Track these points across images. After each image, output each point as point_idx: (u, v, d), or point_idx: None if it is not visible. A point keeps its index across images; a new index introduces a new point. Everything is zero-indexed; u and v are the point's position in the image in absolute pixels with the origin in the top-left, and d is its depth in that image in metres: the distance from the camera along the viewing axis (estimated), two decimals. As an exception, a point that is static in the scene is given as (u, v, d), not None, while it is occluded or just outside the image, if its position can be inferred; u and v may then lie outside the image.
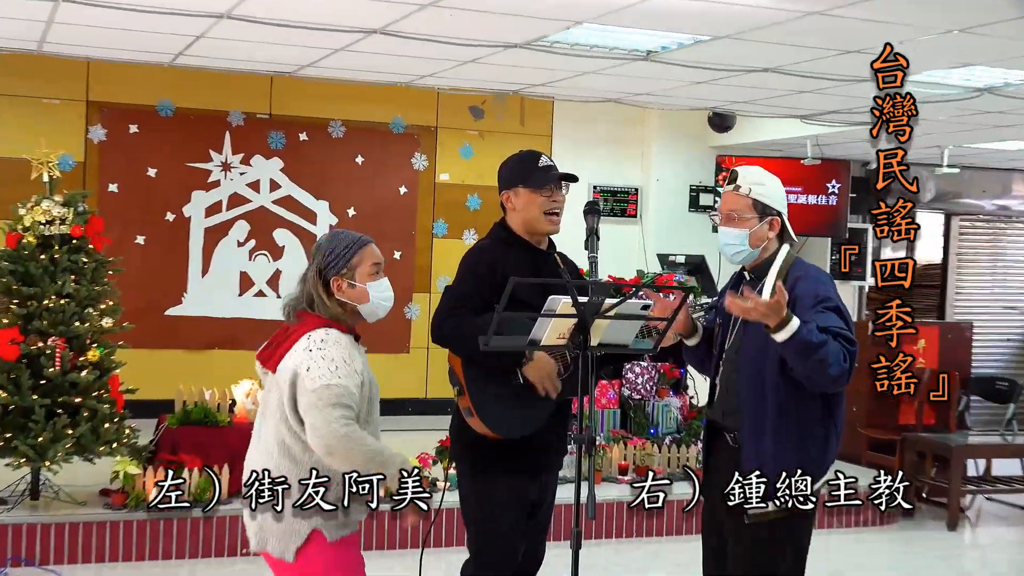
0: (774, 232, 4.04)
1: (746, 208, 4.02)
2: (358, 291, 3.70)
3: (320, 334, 3.58)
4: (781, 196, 4.08)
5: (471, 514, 4.26)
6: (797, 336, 3.69)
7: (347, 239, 3.75)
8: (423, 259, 11.12)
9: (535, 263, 4.25)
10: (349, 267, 3.69)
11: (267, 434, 3.64)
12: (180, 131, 10.32)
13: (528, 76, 8.83)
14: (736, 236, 4.03)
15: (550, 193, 4.21)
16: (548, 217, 4.22)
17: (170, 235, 10.29)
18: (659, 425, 8.62)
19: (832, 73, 7.81)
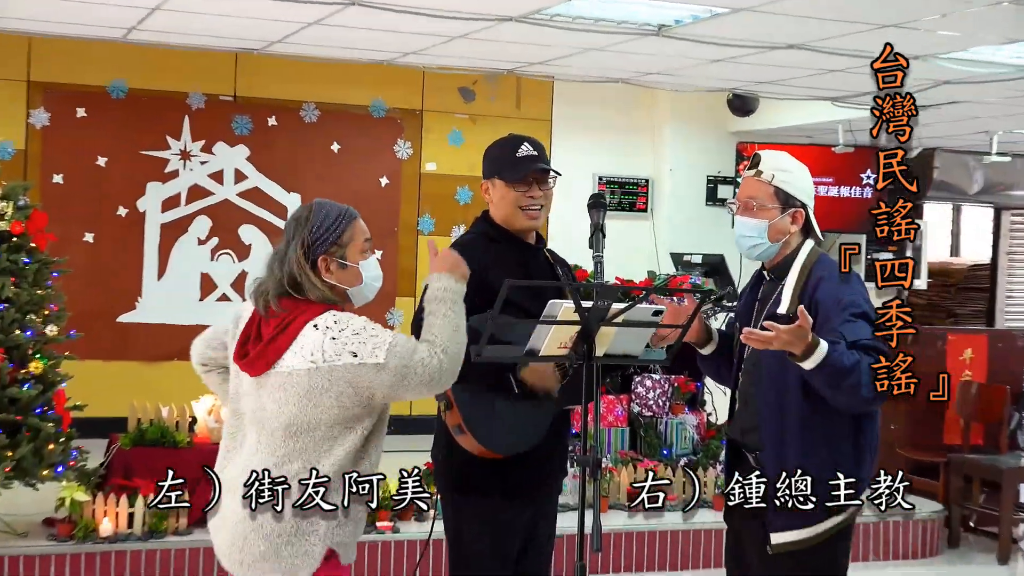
0: (797, 226, 4.05)
1: (767, 196, 4.03)
2: (350, 272, 3.61)
3: (328, 317, 3.47)
4: (808, 186, 4.10)
5: (455, 541, 4.27)
6: (827, 363, 3.70)
7: (334, 211, 3.63)
8: (407, 259, 11.13)
9: (523, 260, 4.26)
10: (340, 244, 3.60)
11: (260, 450, 3.53)
12: (133, 115, 10.32)
13: (525, 53, 8.84)
14: (754, 227, 4.04)
15: (527, 188, 4.22)
16: (525, 212, 4.23)
17: (122, 232, 10.28)
18: (673, 446, 8.63)
19: (866, 50, 7.82)
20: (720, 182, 11.79)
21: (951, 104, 9.58)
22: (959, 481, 8.94)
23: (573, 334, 3.58)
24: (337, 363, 3.41)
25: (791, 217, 4.04)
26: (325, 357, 3.42)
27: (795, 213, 4.04)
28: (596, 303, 3.53)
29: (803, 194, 4.06)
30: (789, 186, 4.04)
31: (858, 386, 3.72)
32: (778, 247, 4.06)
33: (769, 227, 4.04)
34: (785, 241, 4.06)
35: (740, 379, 4.17)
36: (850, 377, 3.72)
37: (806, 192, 4.08)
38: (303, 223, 3.58)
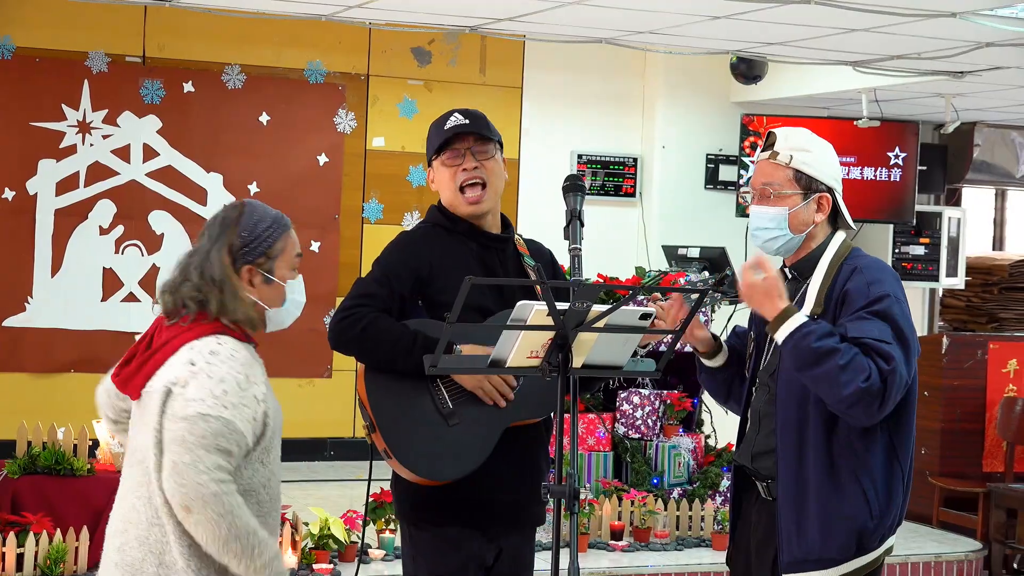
0: (823, 214, 4.08)
1: (785, 181, 4.07)
2: (274, 289, 3.67)
3: (210, 343, 3.52)
4: (833, 168, 4.13)
5: (408, 572, 4.36)
6: (796, 338, 3.80)
7: (268, 216, 3.67)
8: (350, 252, 11.13)
9: (484, 255, 4.31)
10: (269, 255, 3.65)
11: (129, 490, 3.59)
12: (21, 79, 10.28)
13: (491, 7, 8.86)
14: (771, 217, 4.08)
15: (460, 161, 4.30)
16: (464, 194, 4.29)
17: (9, 219, 10.25)
18: (665, 473, 8.67)
19: (895, 5, 7.88)
20: (722, 162, 11.85)
21: (994, 70, 9.66)
22: (1001, 515, 9.02)
23: (546, 341, 3.60)
24: (168, 384, 3.48)
25: (815, 204, 4.07)
26: (170, 378, 3.49)
27: (820, 199, 4.07)
28: (573, 305, 3.56)
29: (828, 177, 4.09)
30: (811, 168, 4.07)
31: (834, 379, 3.79)
32: (801, 239, 4.09)
33: (789, 216, 4.07)
34: (809, 233, 4.09)
35: (753, 394, 4.21)
36: (824, 363, 3.79)
37: (831, 175, 4.11)
38: (231, 224, 3.61)
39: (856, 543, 3.93)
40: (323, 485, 9.21)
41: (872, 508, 3.93)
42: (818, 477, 3.93)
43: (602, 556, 7.91)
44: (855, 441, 3.93)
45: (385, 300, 4.19)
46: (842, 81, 10.55)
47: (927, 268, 12.12)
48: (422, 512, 4.25)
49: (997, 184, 13.32)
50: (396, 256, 4.31)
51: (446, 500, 4.17)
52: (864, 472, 3.93)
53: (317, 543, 7.28)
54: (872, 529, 3.93)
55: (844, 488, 3.92)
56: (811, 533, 3.93)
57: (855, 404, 3.80)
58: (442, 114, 4.44)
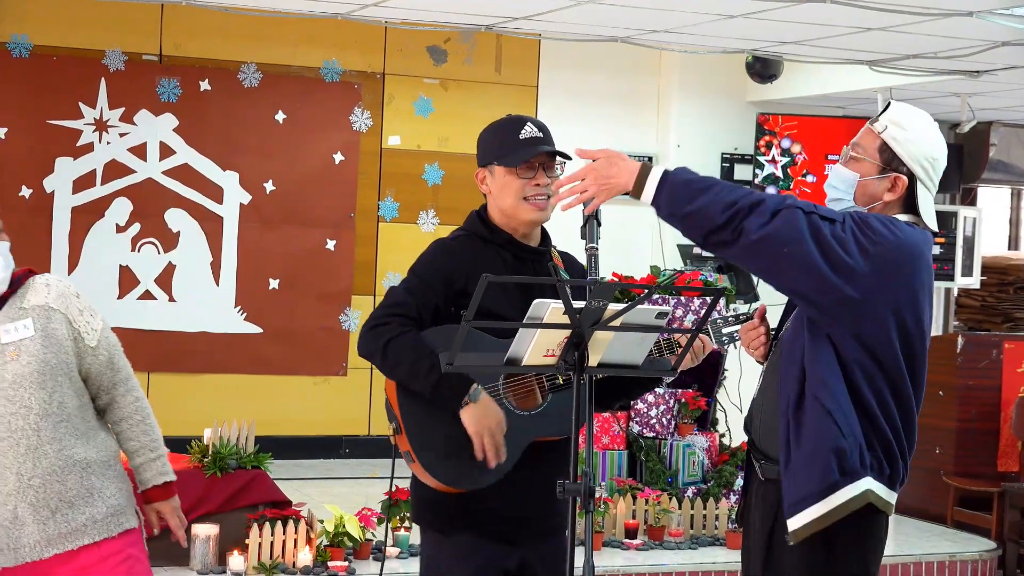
0: (894, 195, 3.98)
1: (871, 149, 4.01)
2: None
3: None
4: (927, 154, 4.00)
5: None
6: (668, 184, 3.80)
7: None
8: (366, 251, 11.14)
9: (519, 267, 4.30)
10: None
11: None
12: (39, 77, 10.30)
13: (507, 6, 8.86)
14: (842, 178, 4.03)
15: (532, 175, 4.24)
16: (530, 203, 4.24)
17: (26, 217, 10.26)
18: (679, 472, 8.67)
19: (911, 4, 7.87)
20: (737, 161, 11.84)
21: (1011, 69, 9.64)
22: (1016, 515, 9.00)
23: (562, 340, 3.60)
24: None
25: (890, 182, 3.98)
26: None
27: (895, 179, 3.97)
28: (589, 303, 3.56)
29: (913, 160, 3.97)
30: (898, 144, 3.97)
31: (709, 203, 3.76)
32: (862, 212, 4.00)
33: (859, 185, 4.01)
34: (872, 208, 4.00)
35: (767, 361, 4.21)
36: (704, 195, 3.77)
37: (920, 160, 3.97)
38: None
39: (838, 465, 3.84)
40: (338, 483, 9.22)
41: (842, 428, 3.84)
42: (794, 414, 3.91)
43: (617, 554, 7.91)
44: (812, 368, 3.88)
45: (416, 310, 4.16)
46: (858, 80, 10.54)
47: (942, 268, 12.09)
48: (442, 518, 4.24)
49: (1013, 184, 13.30)
50: (430, 265, 4.25)
51: (466, 509, 4.15)
52: (827, 397, 3.85)
53: (332, 541, 7.29)
54: (849, 449, 3.84)
55: (813, 417, 3.87)
56: (797, 470, 3.91)
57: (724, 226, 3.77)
58: (504, 119, 4.36)
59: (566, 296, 3.52)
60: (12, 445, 3.85)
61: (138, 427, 4.15)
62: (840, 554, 3.93)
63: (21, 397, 3.88)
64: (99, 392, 4.11)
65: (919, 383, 3.98)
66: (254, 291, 10.74)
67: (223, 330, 10.66)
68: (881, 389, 3.89)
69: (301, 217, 10.72)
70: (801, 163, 11.53)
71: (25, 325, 3.97)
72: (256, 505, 7.22)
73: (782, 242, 3.73)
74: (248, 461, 7.28)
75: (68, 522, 3.90)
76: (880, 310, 3.85)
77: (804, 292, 3.84)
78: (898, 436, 3.93)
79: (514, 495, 4.15)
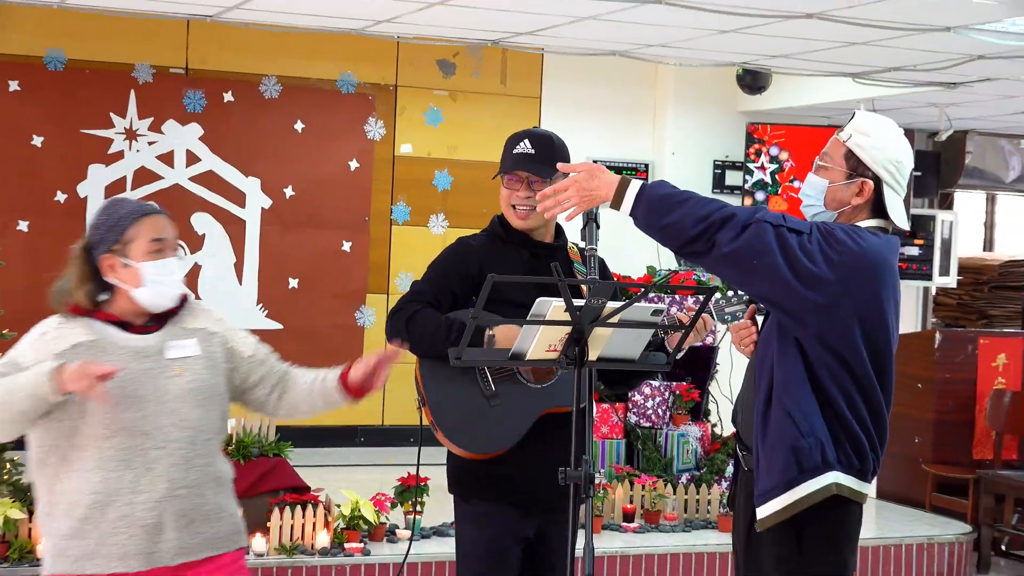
0: (861, 200, 4.00)
1: (837, 156, 4.03)
2: (130, 272, 3.80)
3: (45, 322, 3.84)
4: (891, 159, 4.01)
5: (457, 541, 4.56)
6: (646, 196, 3.79)
7: (124, 209, 3.87)
8: (379, 252, 11.14)
9: (535, 263, 4.42)
10: (122, 242, 3.81)
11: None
12: (73, 89, 10.31)
13: (511, 22, 8.86)
14: (814, 186, 4.06)
15: (517, 186, 4.43)
16: (514, 212, 4.46)
17: (61, 220, 10.27)
18: (674, 460, 8.67)
19: (892, 20, 7.86)
20: (728, 167, 11.83)
21: (985, 81, 9.63)
22: (990, 500, 9.00)
23: (564, 335, 3.61)
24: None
25: (857, 187, 4.00)
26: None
27: (862, 184, 3.99)
28: (589, 301, 3.56)
29: (878, 165, 3.98)
30: (863, 151, 3.99)
31: (686, 215, 3.77)
32: (832, 216, 4.03)
33: (828, 190, 4.03)
34: (843, 212, 4.02)
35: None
36: (679, 208, 3.77)
37: (884, 164, 3.99)
38: (88, 226, 3.89)
39: (796, 463, 3.87)
40: (354, 470, 9.21)
41: (801, 429, 3.86)
42: (762, 413, 3.94)
43: (615, 537, 7.92)
44: (778, 371, 3.90)
45: (434, 296, 4.37)
46: (842, 92, 10.52)
47: (921, 268, 12.09)
48: (466, 484, 4.45)
49: (988, 189, 13.28)
50: (448, 259, 4.48)
51: (487, 475, 4.35)
52: (789, 399, 3.87)
53: (348, 524, 7.30)
54: (808, 448, 3.86)
55: (777, 417, 3.90)
56: (763, 466, 3.93)
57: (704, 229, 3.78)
58: (518, 132, 4.55)
59: (567, 295, 3.53)
60: (168, 454, 3.80)
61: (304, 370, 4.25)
62: (811, 540, 3.95)
63: (181, 411, 3.84)
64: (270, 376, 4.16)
65: (887, 382, 3.99)
66: (275, 290, 10.74)
67: (246, 326, 10.55)
68: (849, 389, 3.91)
69: (319, 220, 10.71)
70: (788, 169, 11.53)
71: (191, 344, 3.94)
72: (277, 490, 7.23)
73: (752, 254, 3.76)
74: (270, 449, 7.30)
75: (200, 533, 3.86)
76: (845, 316, 3.87)
77: (773, 299, 3.87)
78: (867, 432, 3.95)
79: (529, 465, 4.30)
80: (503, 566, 4.38)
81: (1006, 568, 9.09)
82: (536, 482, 4.30)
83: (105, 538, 3.75)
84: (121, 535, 3.76)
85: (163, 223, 3.90)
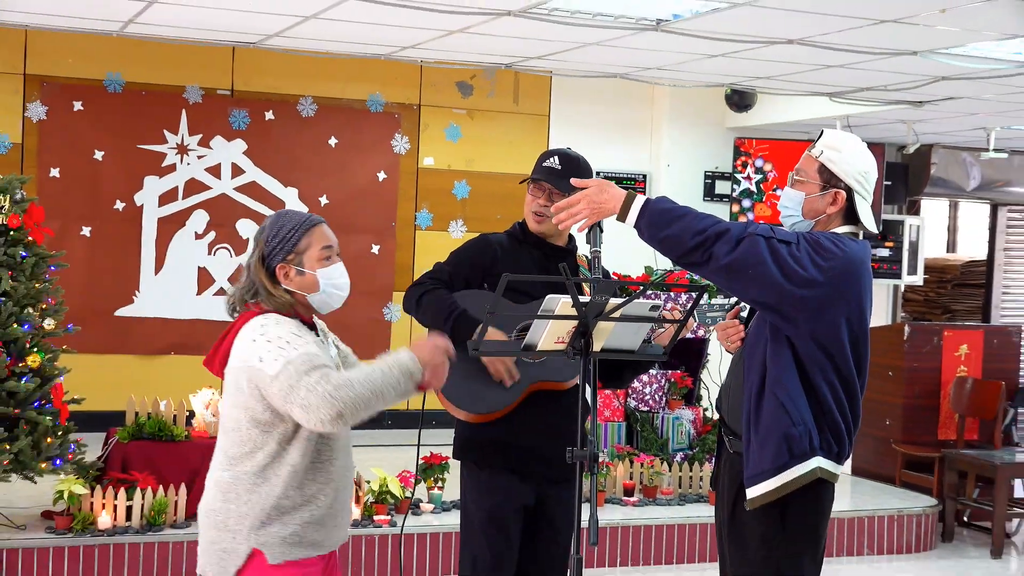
0: (835, 208, 4.00)
1: (811, 171, 4.04)
2: (307, 279, 3.72)
3: (259, 320, 3.62)
4: (859, 170, 4.02)
5: (462, 506, 4.55)
6: (649, 210, 3.78)
7: (292, 220, 3.77)
8: (404, 254, 11.14)
9: (546, 263, 4.48)
10: (296, 252, 3.73)
11: (219, 444, 3.72)
12: (130, 109, 10.33)
13: (523, 48, 8.85)
14: (791, 199, 4.06)
15: (539, 195, 4.47)
16: (534, 217, 4.50)
17: (120, 226, 10.30)
18: (669, 440, 8.66)
19: (864, 45, 7.84)
20: (718, 178, 11.81)
21: (949, 100, 9.60)
22: (953, 476, 8.98)
23: (570, 329, 3.60)
24: (248, 364, 3.56)
25: (831, 197, 4.00)
26: (244, 356, 3.58)
27: (835, 194, 3.99)
28: (593, 298, 3.56)
29: (850, 177, 3.99)
30: (834, 165, 4.00)
31: (687, 227, 3.75)
32: (810, 225, 4.02)
33: (804, 202, 4.02)
34: (819, 221, 4.02)
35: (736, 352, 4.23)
36: (682, 220, 3.76)
37: (855, 176, 4.00)
38: (258, 238, 3.78)
39: (788, 450, 3.86)
40: (382, 450, 9.21)
41: (793, 418, 3.85)
42: (755, 402, 3.92)
43: (616, 510, 7.91)
44: (771, 366, 3.89)
45: (448, 276, 4.48)
46: (820, 109, 10.50)
47: (891, 268, 12.06)
48: (468, 450, 4.49)
49: (951, 196, 13.25)
50: (470, 249, 4.57)
51: (488, 442, 4.40)
52: (778, 387, 3.87)
53: (377, 498, 7.30)
54: (798, 436, 3.85)
55: (770, 407, 3.88)
56: (755, 451, 3.92)
57: (702, 242, 3.76)
58: (554, 148, 4.59)
59: (574, 292, 3.53)
60: (346, 444, 3.74)
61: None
62: (793, 518, 3.95)
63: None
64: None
65: (864, 373, 4.02)
66: (311, 288, 10.74)
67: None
68: (833, 382, 3.92)
69: (350, 226, 10.71)
70: (772, 179, 11.50)
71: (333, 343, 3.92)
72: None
73: (747, 265, 3.77)
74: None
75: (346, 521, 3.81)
76: (835, 315, 3.88)
77: (768, 303, 3.87)
78: (846, 420, 3.95)
79: (521, 434, 4.37)
80: (503, 534, 4.38)
81: (968, 538, 9.06)
82: (531, 451, 4.37)
83: (338, 520, 3.72)
84: (341, 518, 3.73)
85: (328, 231, 3.82)
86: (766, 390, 3.90)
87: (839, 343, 3.90)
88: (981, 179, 12.67)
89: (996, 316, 13.29)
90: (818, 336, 3.86)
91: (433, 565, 7.18)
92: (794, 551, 3.96)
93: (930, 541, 8.63)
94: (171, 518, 6.90)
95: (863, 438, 9.89)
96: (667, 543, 7.78)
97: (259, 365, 3.50)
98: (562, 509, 4.46)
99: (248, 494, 3.57)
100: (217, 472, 3.66)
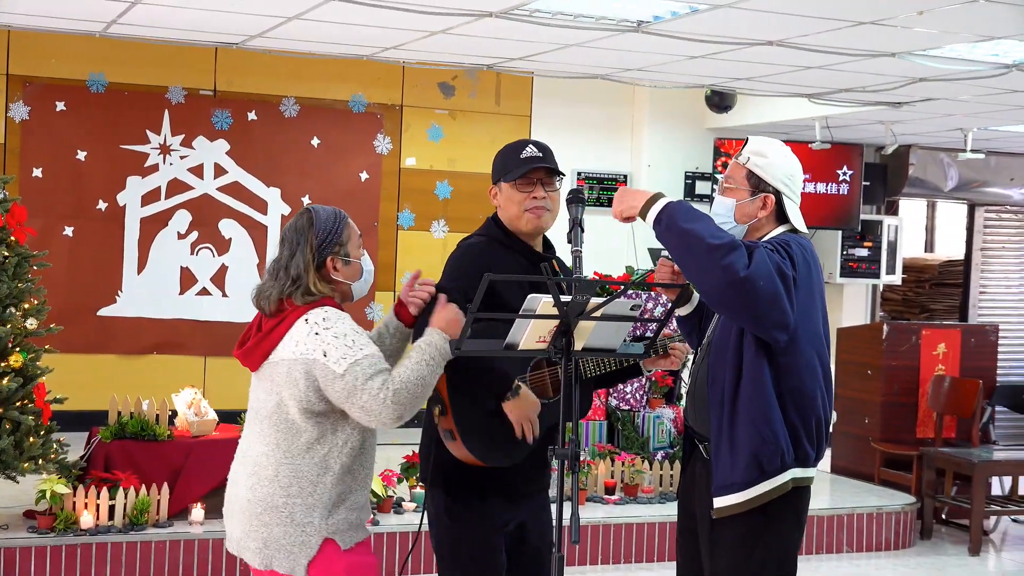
0: (766, 212, 4.02)
1: (740, 179, 4.06)
2: (353, 267, 3.84)
3: (319, 313, 3.67)
4: (786, 173, 4.04)
5: (440, 537, 4.24)
6: (668, 210, 3.79)
7: (330, 213, 3.86)
8: (387, 253, 11.13)
9: (530, 269, 4.22)
10: (341, 243, 3.82)
11: (255, 441, 3.71)
12: (113, 109, 10.29)
13: (505, 49, 8.85)
14: (723, 206, 4.07)
15: (531, 188, 4.18)
16: (528, 214, 4.18)
17: (102, 226, 10.26)
18: (650, 439, 8.66)
19: (843, 47, 7.86)
20: (698, 178, 11.83)
21: (926, 101, 9.63)
22: (932, 474, 9.01)
23: (552, 328, 3.59)
24: (310, 356, 3.60)
25: (761, 202, 4.01)
26: (304, 349, 3.62)
27: (765, 198, 4.01)
28: (575, 297, 3.55)
29: (776, 180, 4.02)
30: (762, 171, 4.02)
31: (699, 237, 3.71)
32: (744, 229, 4.03)
33: (736, 208, 4.04)
34: (752, 225, 4.04)
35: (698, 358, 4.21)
36: (697, 226, 3.74)
37: (782, 179, 4.02)
38: (306, 230, 3.78)
39: (757, 466, 3.83)
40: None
41: (763, 434, 3.83)
42: (728, 417, 3.89)
43: (598, 508, 7.91)
44: (746, 383, 3.86)
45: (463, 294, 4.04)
46: (799, 110, 10.53)
47: (870, 267, 12.10)
48: (452, 480, 4.14)
49: (928, 197, 13.30)
50: (459, 269, 4.17)
51: (471, 473, 4.08)
52: (752, 405, 3.84)
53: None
54: (769, 453, 3.83)
55: (738, 421, 3.86)
56: (725, 463, 3.90)
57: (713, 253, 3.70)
58: (514, 142, 4.29)
59: (556, 292, 3.52)
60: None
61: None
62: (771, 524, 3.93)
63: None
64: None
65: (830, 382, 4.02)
66: (293, 288, 10.72)
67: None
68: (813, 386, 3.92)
69: (333, 226, 10.69)
70: (751, 180, 11.51)
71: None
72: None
73: (759, 276, 3.72)
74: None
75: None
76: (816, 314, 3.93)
77: (771, 317, 3.77)
78: (819, 429, 3.96)
79: (520, 464, 4.10)
80: (489, 559, 4.16)
81: (946, 534, 9.09)
82: (513, 478, 4.15)
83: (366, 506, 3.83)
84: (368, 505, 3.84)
85: (354, 224, 3.93)
86: (738, 402, 3.88)
87: (821, 342, 3.93)
88: (958, 179, 12.72)
89: (973, 315, 13.34)
90: (801, 341, 3.87)
91: (415, 564, 7.17)
92: (771, 555, 3.96)
93: (909, 538, 8.65)
94: (153, 517, 6.87)
95: (841, 436, 9.92)
96: (648, 541, 7.78)
97: (323, 360, 3.59)
98: (538, 523, 4.27)
99: (313, 485, 3.64)
100: (271, 468, 3.66)
